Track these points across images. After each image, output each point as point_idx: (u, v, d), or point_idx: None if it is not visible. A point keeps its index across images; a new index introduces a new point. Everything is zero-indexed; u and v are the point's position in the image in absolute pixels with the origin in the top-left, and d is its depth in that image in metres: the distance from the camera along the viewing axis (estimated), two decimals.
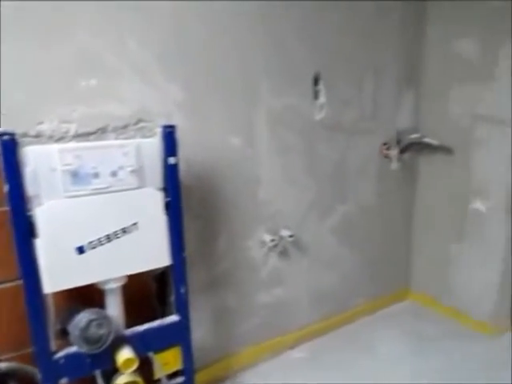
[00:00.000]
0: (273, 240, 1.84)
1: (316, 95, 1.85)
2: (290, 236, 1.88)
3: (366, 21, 1.96)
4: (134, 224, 1.17)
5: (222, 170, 1.66)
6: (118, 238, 1.15)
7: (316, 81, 1.84)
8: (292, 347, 2.05)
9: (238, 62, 1.62)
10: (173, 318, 1.33)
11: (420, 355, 2.00)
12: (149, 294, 1.47)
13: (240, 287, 1.83)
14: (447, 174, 2.23)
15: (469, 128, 2.08)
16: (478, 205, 2.11)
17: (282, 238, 1.89)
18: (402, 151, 2.20)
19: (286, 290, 1.99)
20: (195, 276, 1.62)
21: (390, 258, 2.40)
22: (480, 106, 2.01)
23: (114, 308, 1.22)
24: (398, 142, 2.20)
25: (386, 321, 2.30)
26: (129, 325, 1.26)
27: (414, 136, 2.20)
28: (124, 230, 1.16)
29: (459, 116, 2.11)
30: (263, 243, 1.86)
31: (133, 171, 1.14)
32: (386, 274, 2.41)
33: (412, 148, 2.25)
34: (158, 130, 1.20)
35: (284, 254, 1.95)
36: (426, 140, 2.19)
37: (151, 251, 1.23)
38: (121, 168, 1.13)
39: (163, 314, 1.38)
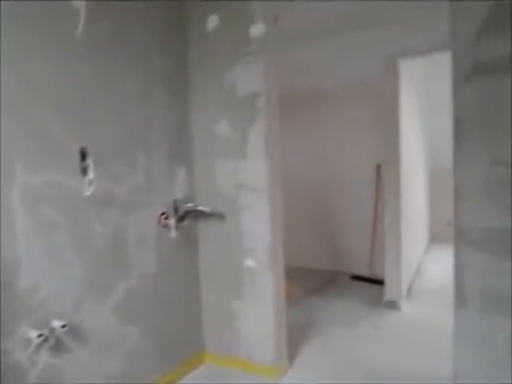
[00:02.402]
0: (41, 335, 1.60)
1: (84, 171, 1.79)
2: (63, 326, 1.67)
3: (133, 102, 2.07)
4: None
5: None
6: None
7: (83, 156, 1.79)
8: None
9: None
10: None
11: None
12: None
13: None
14: (223, 237, 2.45)
15: (235, 196, 2.37)
16: (250, 263, 2.37)
17: (53, 330, 1.65)
18: (180, 219, 2.32)
19: None
20: None
21: (181, 326, 2.40)
22: (239, 177, 2.33)
23: None
24: (176, 211, 2.31)
25: None
26: None
27: (189, 205, 2.37)
28: None
29: (225, 186, 2.39)
30: (28, 341, 1.58)
31: None
32: (180, 342, 2.39)
33: (189, 216, 2.40)
34: None
35: (58, 348, 1.70)
36: (200, 208, 2.38)
37: None
38: None
39: None
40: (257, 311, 2.37)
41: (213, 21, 2.32)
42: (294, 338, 2.88)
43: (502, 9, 1.61)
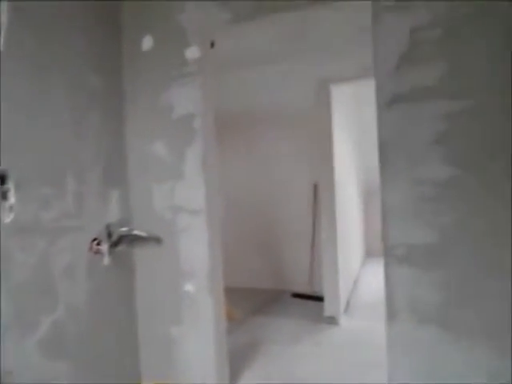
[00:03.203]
0: None
1: (3, 196, 1.66)
2: None
3: (62, 122, 1.96)
4: None
5: None
6: None
7: (2, 180, 1.66)
8: None
9: None
10: None
11: None
12: None
13: None
14: (161, 261, 2.37)
15: (172, 219, 2.32)
16: (189, 287, 2.31)
17: None
18: (114, 245, 2.22)
19: None
20: None
21: (115, 358, 2.26)
22: (177, 199, 2.29)
23: None
24: (109, 236, 2.20)
25: None
26: None
27: (123, 229, 2.27)
28: None
29: (163, 209, 2.33)
30: None
31: None
32: (114, 375, 2.24)
33: (124, 240, 2.30)
34: None
35: None
36: (136, 232, 2.30)
37: None
38: None
39: None
40: (197, 336, 2.31)
41: (148, 41, 2.30)
42: (237, 360, 2.84)
43: (418, 43, 1.77)
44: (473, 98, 1.69)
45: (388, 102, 1.81)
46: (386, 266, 1.86)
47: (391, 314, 1.85)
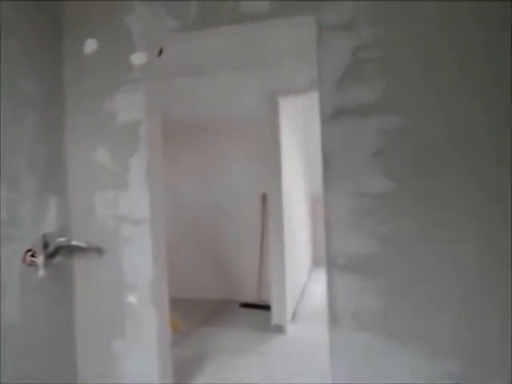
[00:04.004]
0: None
1: None
2: None
3: None
4: None
5: None
6: None
7: None
8: None
9: None
10: None
11: None
12: None
13: None
14: (102, 273, 2.27)
15: (115, 229, 2.23)
16: (132, 299, 2.23)
17: None
18: (51, 256, 2.10)
19: None
20: None
21: (53, 376, 2.12)
22: (120, 208, 2.21)
23: None
24: (45, 246, 2.08)
25: None
26: None
27: (61, 240, 2.16)
28: None
29: (105, 218, 2.24)
30: None
31: None
32: None
33: (62, 252, 2.18)
34: None
35: None
36: (74, 243, 2.19)
37: None
38: None
39: None
40: (139, 350, 2.23)
41: (91, 44, 2.23)
42: (183, 373, 2.79)
43: (360, 62, 1.86)
44: (409, 115, 1.80)
45: (331, 116, 1.88)
46: (329, 274, 1.91)
47: (333, 321, 1.91)
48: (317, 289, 5.28)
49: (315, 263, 6.72)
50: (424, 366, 1.80)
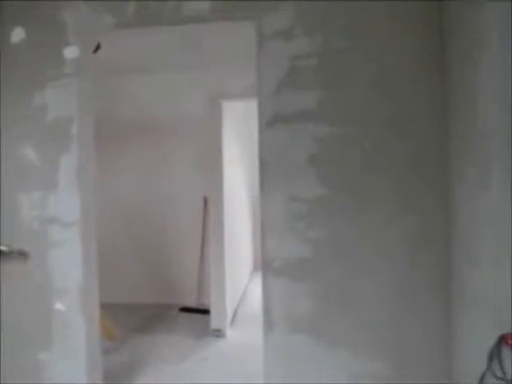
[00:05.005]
0: None
1: None
2: None
3: None
4: None
5: None
6: None
7: None
8: None
9: None
10: None
11: None
12: None
13: None
14: (28, 279, 2.12)
15: (42, 231, 2.10)
16: (60, 306, 2.10)
17: None
18: None
19: None
20: None
21: None
22: (48, 210, 2.09)
23: None
24: None
25: None
26: None
27: None
28: None
29: (31, 220, 2.10)
30: None
31: None
32: None
33: None
34: None
35: None
36: None
37: None
38: None
39: None
40: (67, 359, 2.10)
41: (18, 34, 2.08)
42: (118, 382, 2.68)
43: (297, 70, 1.91)
44: (342, 124, 1.88)
45: (268, 122, 1.91)
46: (264, 278, 1.94)
47: (268, 324, 1.93)
48: (257, 292, 5.31)
49: (257, 267, 6.78)
50: (354, 366, 1.88)
